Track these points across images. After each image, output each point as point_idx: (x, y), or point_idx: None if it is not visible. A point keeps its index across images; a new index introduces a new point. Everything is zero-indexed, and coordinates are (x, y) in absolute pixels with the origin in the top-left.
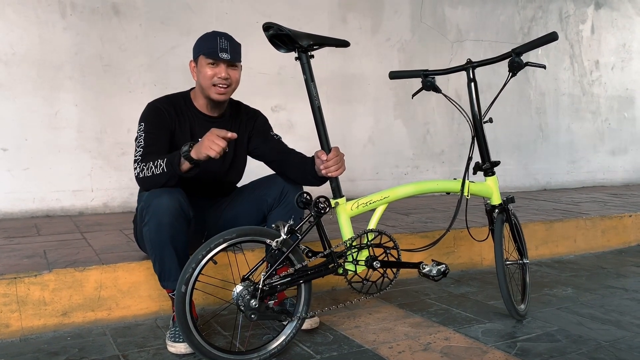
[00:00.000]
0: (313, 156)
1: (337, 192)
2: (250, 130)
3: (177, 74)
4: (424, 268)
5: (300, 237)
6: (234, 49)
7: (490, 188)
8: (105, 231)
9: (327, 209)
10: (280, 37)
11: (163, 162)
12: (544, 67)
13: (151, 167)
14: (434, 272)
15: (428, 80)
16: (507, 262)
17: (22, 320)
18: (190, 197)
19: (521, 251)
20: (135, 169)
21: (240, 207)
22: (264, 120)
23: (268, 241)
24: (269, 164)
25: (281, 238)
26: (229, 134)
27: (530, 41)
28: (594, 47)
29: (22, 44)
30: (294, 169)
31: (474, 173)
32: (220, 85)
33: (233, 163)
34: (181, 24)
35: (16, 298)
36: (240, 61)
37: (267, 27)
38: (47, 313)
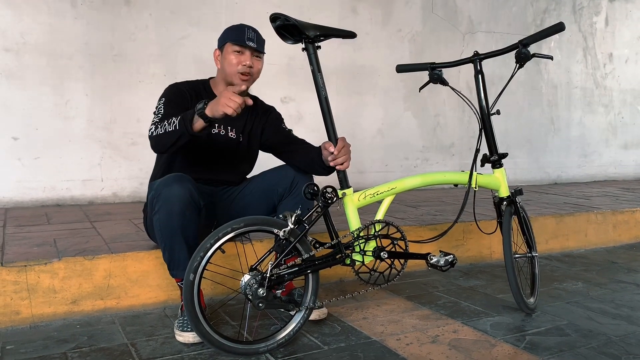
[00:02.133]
0: (320, 146)
1: (344, 183)
2: (264, 122)
3: (187, 64)
4: (432, 259)
5: (307, 227)
6: (260, 40)
7: (498, 180)
8: (115, 220)
9: (334, 199)
10: (287, 28)
11: (177, 119)
12: (551, 58)
13: (165, 125)
14: (442, 262)
15: (435, 73)
16: (516, 255)
17: (32, 307)
18: (201, 186)
19: (530, 244)
20: (150, 129)
21: (251, 197)
22: (278, 114)
23: (275, 231)
24: (279, 155)
25: (288, 228)
26: (244, 93)
27: (537, 32)
28: (607, 39)
29: (32, 33)
30: (303, 159)
31: (482, 165)
32: (244, 73)
33: (247, 153)
34: (191, 14)
35: (26, 286)
36: (264, 53)
37: (274, 18)
38: (56, 301)
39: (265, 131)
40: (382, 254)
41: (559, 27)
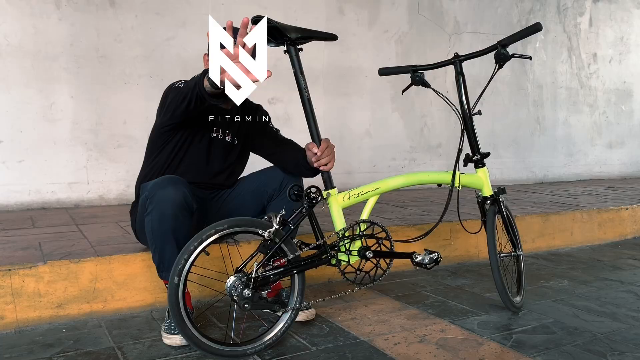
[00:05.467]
0: (304, 147)
1: (328, 183)
2: (257, 123)
3: (172, 66)
4: (417, 257)
5: (292, 227)
6: None
7: (481, 180)
8: (101, 223)
9: (319, 198)
10: (269, 31)
11: (194, 82)
12: (529, 58)
13: (186, 82)
14: (427, 260)
15: (417, 75)
16: (501, 254)
17: (17, 312)
18: (195, 190)
19: (514, 243)
20: (178, 83)
21: (240, 198)
22: (265, 113)
23: (260, 232)
24: (267, 157)
25: (273, 228)
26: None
27: (514, 33)
28: (592, 40)
29: (16, 34)
30: (289, 160)
31: (465, 165)
32: None
33: (241, 155)
34: (177, 15)
35: (11, 290)
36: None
37: (256, 20)
38: (42, 305)
39: (252, 128)
40: (367, 253)
41: (535, 28)
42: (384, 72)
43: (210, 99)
